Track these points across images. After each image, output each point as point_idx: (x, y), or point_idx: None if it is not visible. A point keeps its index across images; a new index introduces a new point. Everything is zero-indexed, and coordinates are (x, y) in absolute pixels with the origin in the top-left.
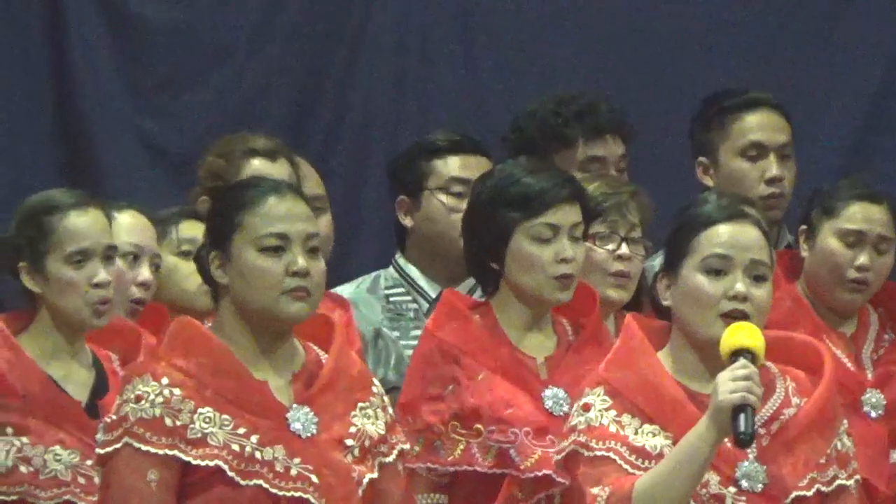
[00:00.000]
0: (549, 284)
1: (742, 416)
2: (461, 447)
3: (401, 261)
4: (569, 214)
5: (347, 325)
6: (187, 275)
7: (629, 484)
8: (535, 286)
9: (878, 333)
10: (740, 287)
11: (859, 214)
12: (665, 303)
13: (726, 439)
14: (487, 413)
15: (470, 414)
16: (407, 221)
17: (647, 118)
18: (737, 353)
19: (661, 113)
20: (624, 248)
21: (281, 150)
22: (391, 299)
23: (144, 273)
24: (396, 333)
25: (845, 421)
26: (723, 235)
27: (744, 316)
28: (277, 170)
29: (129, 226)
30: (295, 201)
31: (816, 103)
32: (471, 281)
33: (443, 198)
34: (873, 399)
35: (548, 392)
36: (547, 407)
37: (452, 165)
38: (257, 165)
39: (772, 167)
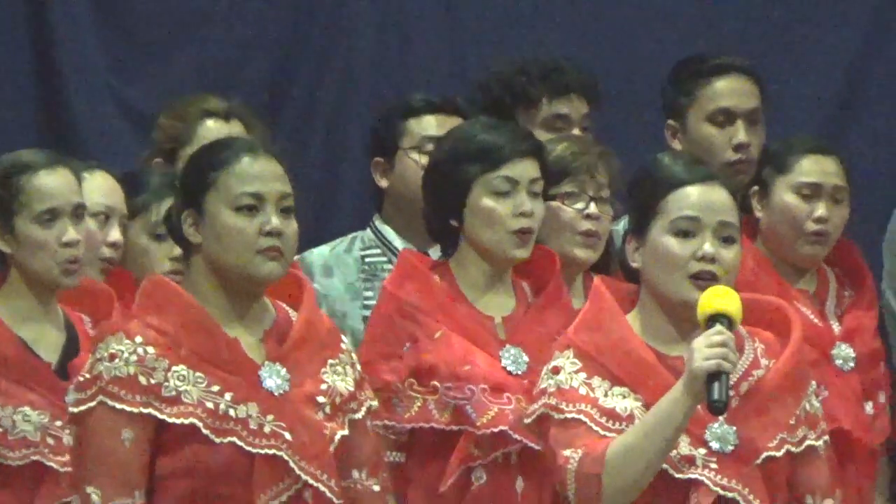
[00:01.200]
0: (507, 239)
1: (716, 384)
2: (418, 404)
3: (377, 222)
4: (527, 169)
5: None
6: (157, 260)
7: (602, 447)
8: (495, 241)
9: (838, 291)
10: (709, 248)
11: (814, 167)
12: (634, 265)
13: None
14: (444, 370)
15: (427, 371)
16: (382, 183)
17: (623, 83)
18: (713, 318)
19: (637, 79)
20: (592, 208)
21: (235, 110)
22: (367, 260)
23: (115, 234)
24: (371, 293)
25: (813, 382)
26: (691, 197)
27: (713, 277)
28: (231, 130)
29: (100, 186)
30: (269, 161)
31: (792, 71)
32: None
33: (416, 157)
34: (843, 352)
35: (506, 351)
36: (504, 366)
37: (426, 125)
38: (211, 126)
39: (739, 133)
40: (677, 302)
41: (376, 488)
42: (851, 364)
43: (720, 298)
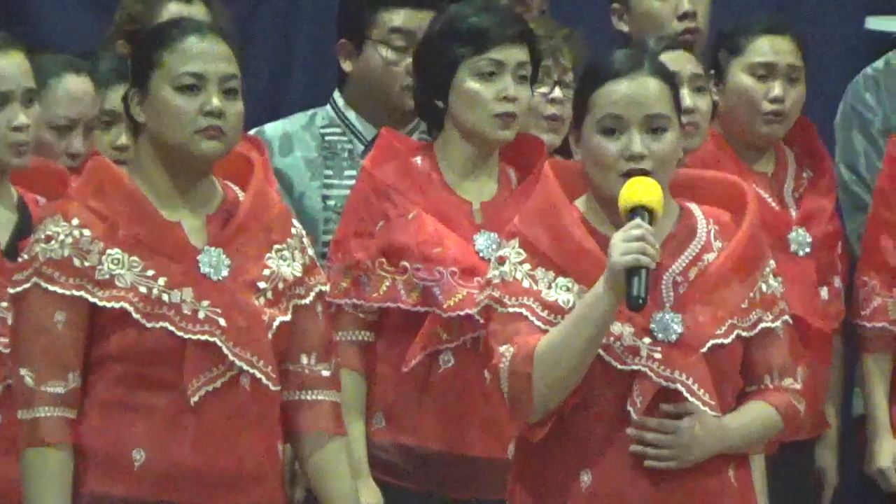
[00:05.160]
0: (490, 122)
1: (635, 280)
2: (386, 284)
3: (339, 101)
4: (515, 53)
5: (263, 166)
6: (101, 147)
7: (532, 344)
8: (477, 123)
9: (797, 172)
10: (636, 147)
11: (767, 47)
12: (576, 157)
13: None
14: (415, 250)
15: (397, 251)
16: (346, 66)
17: None
18: (633, 211)
19: None
20: (557, 92)
21: None
22: (326, 138)
23: (75, 144)
24: (331, 172)
25: (772, 262)
26: (615, 94)
27: (644, 174)
28: (194, 11)
29: (65, 97)
30: (215, 42)
31: None
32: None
33: (383, 51)
34: (799, 237)
35: (480, 236)
36: (478, 250)
37: (397, 17)
38: (174, 9)
39: (683, 3)
40: (612, 198)
41: (325, 373)
42: (807, 249)
43: (640, 190)
